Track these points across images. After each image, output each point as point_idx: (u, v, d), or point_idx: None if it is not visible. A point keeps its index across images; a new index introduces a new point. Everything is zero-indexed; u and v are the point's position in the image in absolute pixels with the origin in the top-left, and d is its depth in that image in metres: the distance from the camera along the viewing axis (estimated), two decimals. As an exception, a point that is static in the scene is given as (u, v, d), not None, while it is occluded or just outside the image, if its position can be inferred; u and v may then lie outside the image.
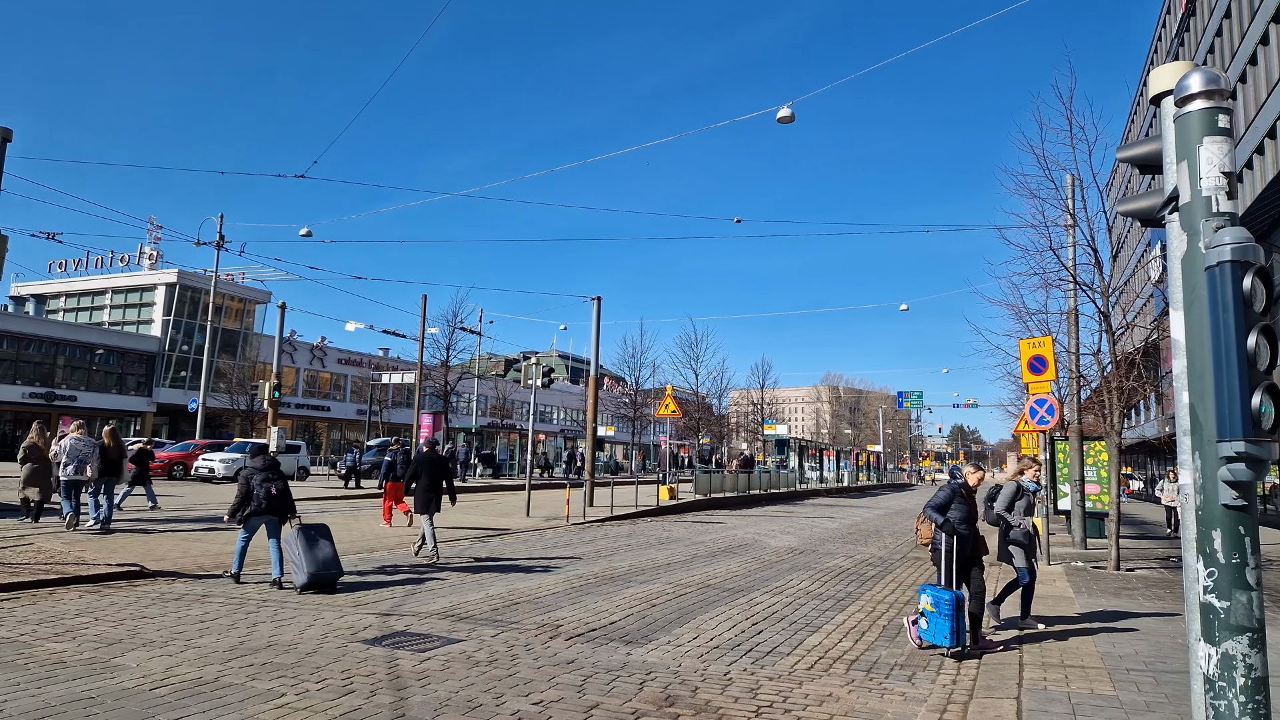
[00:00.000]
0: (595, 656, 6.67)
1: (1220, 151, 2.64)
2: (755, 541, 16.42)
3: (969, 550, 7.29)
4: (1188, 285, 2.64)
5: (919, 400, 66.42)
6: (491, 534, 15.74)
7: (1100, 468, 17.26)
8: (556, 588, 9.86)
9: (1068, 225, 15.32)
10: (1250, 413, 2.38)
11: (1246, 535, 2.56)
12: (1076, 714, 5.33)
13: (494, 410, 61.66)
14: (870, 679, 6.35)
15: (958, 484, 7.49)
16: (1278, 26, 23.45)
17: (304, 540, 9.04)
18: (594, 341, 23.24)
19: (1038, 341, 16.00)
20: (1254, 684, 2.48)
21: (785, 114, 17.91)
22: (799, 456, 43.54)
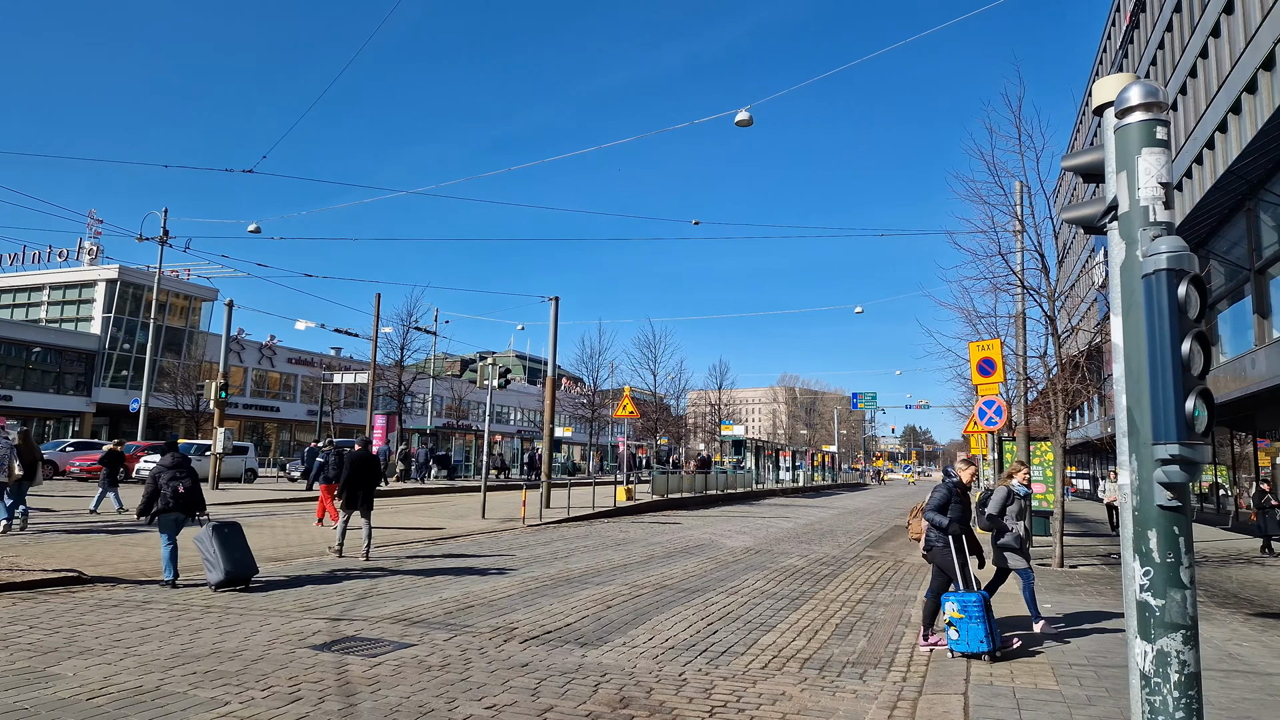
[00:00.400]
0: (550, 659, 6.63)
1: (1158, 163, 2.73)
2: (712, 542, 16.51)
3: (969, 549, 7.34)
4: (1126, 292, 2.73)
5: (873, 401, 67.56)
6: (446, 536, 15.57)
7: (1046, 467, 17.74)
8: (511, 590, 9.79)
9: (1016, 231, 15.73)
10: (1184, 416, 2.48)
11: (1181, 535, 2.65)
12: (1021, 708, 5.46)
13: (450, 411, 60.97)
14: (823, 677, 6.43)
15: (952, 482, 7.46)
16: (1216, 41, 24.37)
17: (217, 539, 9.01)
18: (551, 342, 23.14)
19: (986, 344, 16.40)
20: (1187, 680, 2.57)
21: (744, 117, 18.06)
22: (755, 457, 43.91)
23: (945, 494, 7.35)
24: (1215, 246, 25.26)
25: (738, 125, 18.16)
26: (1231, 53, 22.98)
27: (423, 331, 37.94)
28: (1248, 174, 20.62)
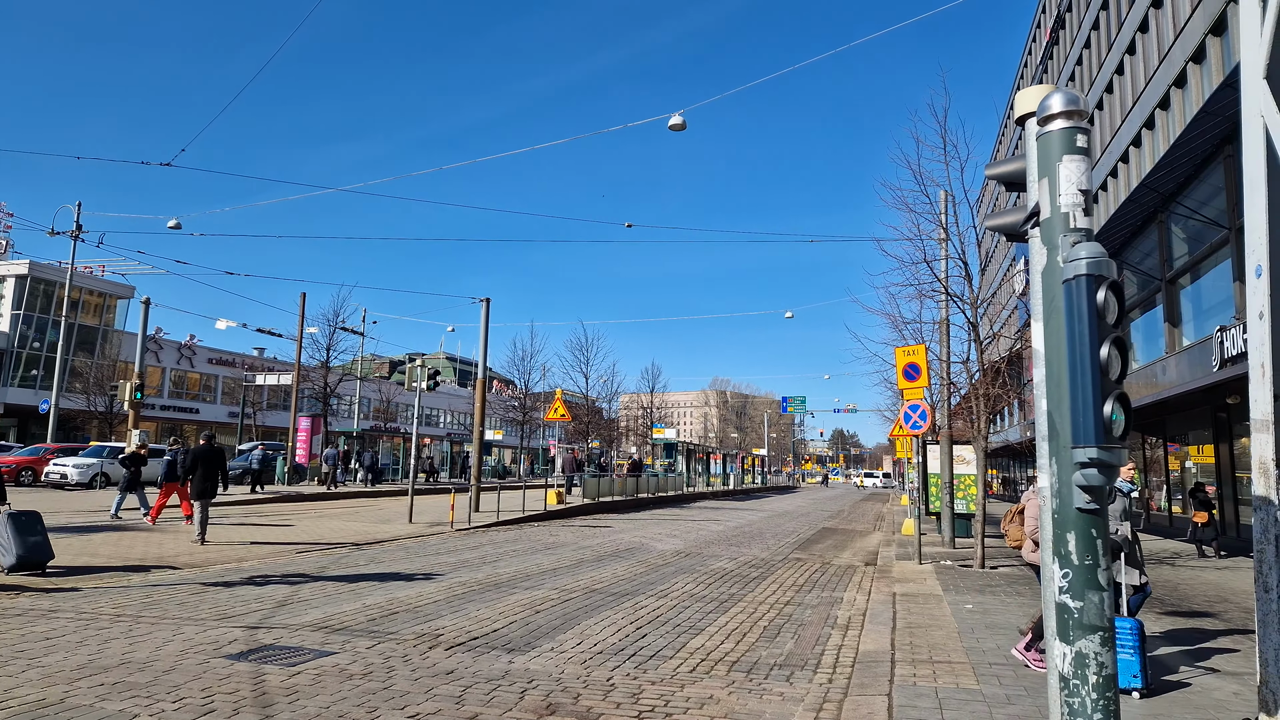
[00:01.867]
0: (476, 666, 6.47)
1: (1078, 170, 2.79)
2: (642, 545, 16.47)
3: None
4: (1047, 298, 2.77)
5: (802, 405, 68.73)
6: (371, 542, 15.13)
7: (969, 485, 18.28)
8: (438, 596, 9.54)
9: (941, 239, 16.17)
10: (1102, 420, 2.52)
11: (1099, 538, 2.70)
12: (943, 708, 5.56)
13: (378, 413, 59.52)
14: (750, 680, 6.43)
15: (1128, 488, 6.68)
16: (1132, 58, 25.60)
17: (13, 525, 9.67)
18: (482, 343, 22.80)
19: (912, 350, 16.80)
20: (1105, 681, 2.61)
21: (677, 121, 18.11)
22: (687, 460, 44.16)
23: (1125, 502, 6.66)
24: (1129, 257, 26.50)
25: (671, 129, 18.21)
26: (1146, 70, 24.18)
27: (350, 332, 36.95)
28: (1160, 187, 21.70)
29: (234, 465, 34.24)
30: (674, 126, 18.17)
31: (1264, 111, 2.48)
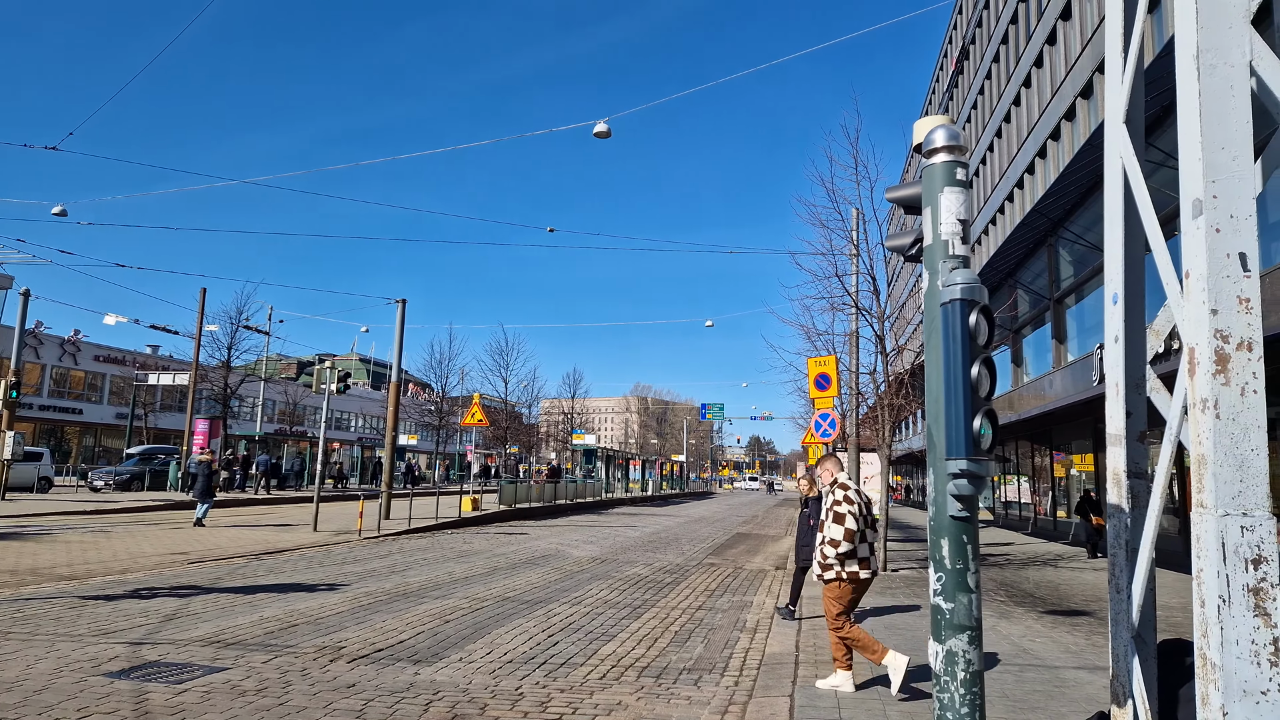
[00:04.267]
0: (379, 678, 6.33)
1: (957, 200, 2.98)
2: (558, 552, 16.41)
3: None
4: (929, 318, 2.95)
5: (720, 412, 69.69)
6: (272, 551, 14.56)
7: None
8: (341, 607, 9.28)
9: (852, 255, 16.76)
10: (972, 434, 2.70)
11: (969, 543, 2.89)
12: (841, 707, 5.76)
13: (283, 416, 57.27)
14: (659, 685, 6.51)
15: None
16: (1028, 91, 27.15)
17: None
18: (397, 345, 22.28)
19: (823, 360, 17.32)
20: (971, 677, 2.80)
21: (602, 129, 18.20)
22: (606, 466, 44.22)
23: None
24: (1022, 277, 28.04)
25: (596, 136, 18.29)
26: (1040, 102, 25.69)
27: (254, 330, 35.47)
28: (1050, 213, 23.07)
29: (122, 469, 32.36)
30: (599, 134, 18.25)
31: (1122, 153, 2.72)
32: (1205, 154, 2.23)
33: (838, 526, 5.96)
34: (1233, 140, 2.25)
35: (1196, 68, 2.28)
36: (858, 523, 5.98)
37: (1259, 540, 2.04)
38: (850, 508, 6.00)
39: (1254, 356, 2.11)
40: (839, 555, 5.95)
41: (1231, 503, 2.06)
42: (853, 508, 6.01)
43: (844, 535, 5.93)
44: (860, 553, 6.04)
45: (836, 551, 5.95)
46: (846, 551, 5.94)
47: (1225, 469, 2.07)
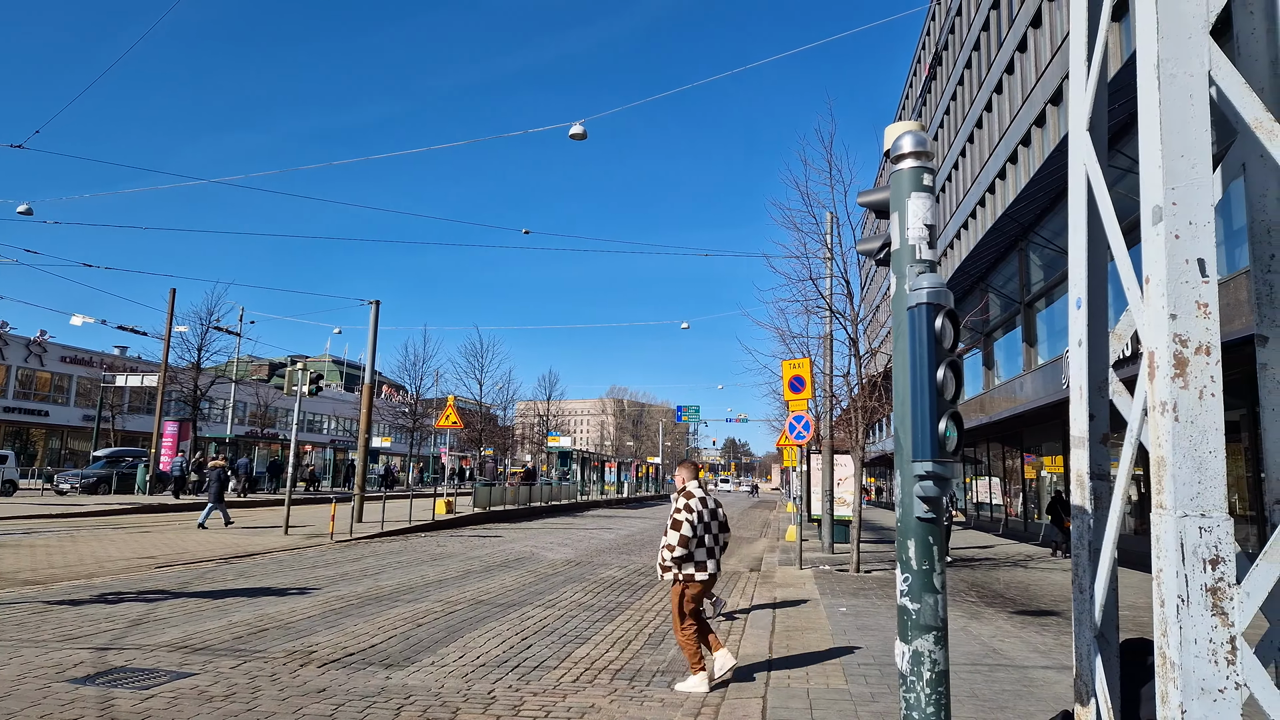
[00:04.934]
0: (350, 683, 6.26)
1: (923, 206, 3.02)
2: (533, 554, 16.35)
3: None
4: (896, 322, 2.98)
5: (696, 414, 69.77)
6: (242, 555, 14.35)
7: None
8: (312, 611, 9.17)
9: (826, 258, 16.88)
10: (938, 436, 2.73)
11: (935, 544, 2.93)
12: (813, 707, 5.79)
13: (254, 418, 56.49)
14: (632, 687, 6.50)
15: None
16: (999, 97, 27.54)
17: None
18: (370, 347, 22.08)
19: (797, 363, 17.42)
20: (937, 677, 2.82)
21: (578, 130, 18.19)
22: (582, 468, 44.14)
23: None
24: (994, 281, 28.41)
25: (572, 138, 18.28)
26: (1011, 109, 26.07)
27: (224, 331, 34.94)
28: (1020, 218, 23.40)
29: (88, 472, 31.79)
30: (574, 135, 18.24)
31: (1085, 160, 2.77)
32: (1165, 161, 2.28)
33: (674, 533, 6.36)
34: (1192, 148, 2.29)
35: (1157, 77, 2.33)
36: (694, 530, 6.35)
37: (1217, 541, 2.09)
38: (689, 515, 6.37)
39: (1212, 360, 2.16)
40: (675, 559, 6.34)
41: (1190, 504, 2.10)
42: (691, 515, 6.37)
43: (679, 541, 6.32)
44: (698, 556, 6.43)
45: (673, 556, 6.35)
46: (683, 556, 6.33)
47: (1184, 471, 2.11)
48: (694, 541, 6.36)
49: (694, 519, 6.37)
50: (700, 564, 6.43)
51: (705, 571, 6.45)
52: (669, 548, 6.36)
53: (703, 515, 6.48)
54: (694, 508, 6.43)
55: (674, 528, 6.38)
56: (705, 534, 6.47)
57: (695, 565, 6.40)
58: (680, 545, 6.30)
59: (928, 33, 41.90)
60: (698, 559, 6.42)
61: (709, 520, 6.53)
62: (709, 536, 6.51)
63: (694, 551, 6.38)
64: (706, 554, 6.46)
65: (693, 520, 6.36)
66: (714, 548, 6.54)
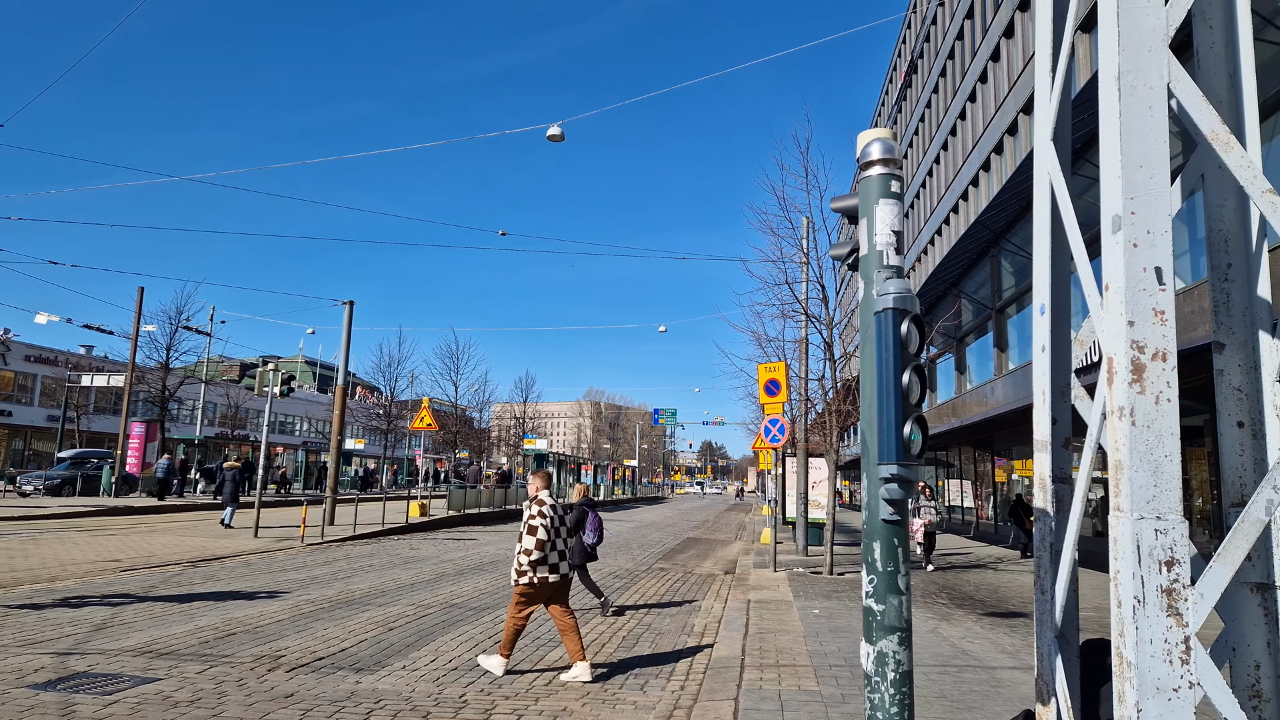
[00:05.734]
0: (320, 688, 6.19)
1: (891, 212, 3.06)
2: (507, 558, 16.26)
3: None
4: (864, 327, 3.02)
5: (673, 417, 69.93)
6: (210, 558, 14.14)
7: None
8: (281, 615, 9.05)
9: (802, 263, 17.00)
10: (902, 439, 2.77)
11: (900, 546, 2.96)
12: (784, 709, 5.83)
13: (225, 419, 55.65)
14: (605, 690, 6.50)
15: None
16: (973, 106, 27.89)
17: None
18: (344, 348, 21.85)
19: (773, 366, 17.53)
20: (901, 677, 2.86)
21: (555, 132, 18.17)
22: (558, 470, 44.00)
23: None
24: (966, 287, 28.76)
25: (550, 139, 18.25)
26: (984, 117, 26.42)
27: (194, 331, 34.40)
28: (992, 225, 23.72)
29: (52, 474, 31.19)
30: (552, 137, 18.21)
31: (1050, 169, 2.83)
32: (1125, 172, 2.33)
33: (530, 538, 6.69)
34: (1150, 159, 2.35)
35: (1118, 88, 2.38)
36: (548, 534, 6.74)
37: (1172, 543, 2.13)
38: (543, 521, 6.75)
39: (1168, 366, 2.21)
40: (531, 563, 6.66)
41: (1146, 506, 2.15)
42: (545, 521, 6.76)
43: (535, 545, 6.66)
44: (550, 559, 6.79)
45: (529, 559, 6.67)
46: (538, 559, 6.67)
47: (1140, 474, 2.15)
48: (548, 545, 6.72)
49: (547, 524, 6.74)
50: (553, 566, 6.80)
51: (557, 573, 6.82)
52: (526, 552, 6.67)
53: (554, 521, 6.86)
54: (546, 514, 6.78)
55: (529, 533, 6.70)
56: (556, 539, 6.86)
57: (548, 568, 6.76)
58: (537, 549, 6.64)
59: (904, 40, 42.36)
60: (550, 562, 6.78)
61: (559, 525, 6.92)
62: (559, 540, 6.90)
63: (547, 555, 6.73)
64: (559, 556, 6.86)
65: (546, 525, 6.73)
66: (564, 550, 6.95)
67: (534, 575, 6.70)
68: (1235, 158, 2.42)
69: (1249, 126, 2.79)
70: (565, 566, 6.93)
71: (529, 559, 6.65)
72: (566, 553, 6.97)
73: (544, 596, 6.85)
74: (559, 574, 6.83)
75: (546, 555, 6.73)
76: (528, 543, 6.67)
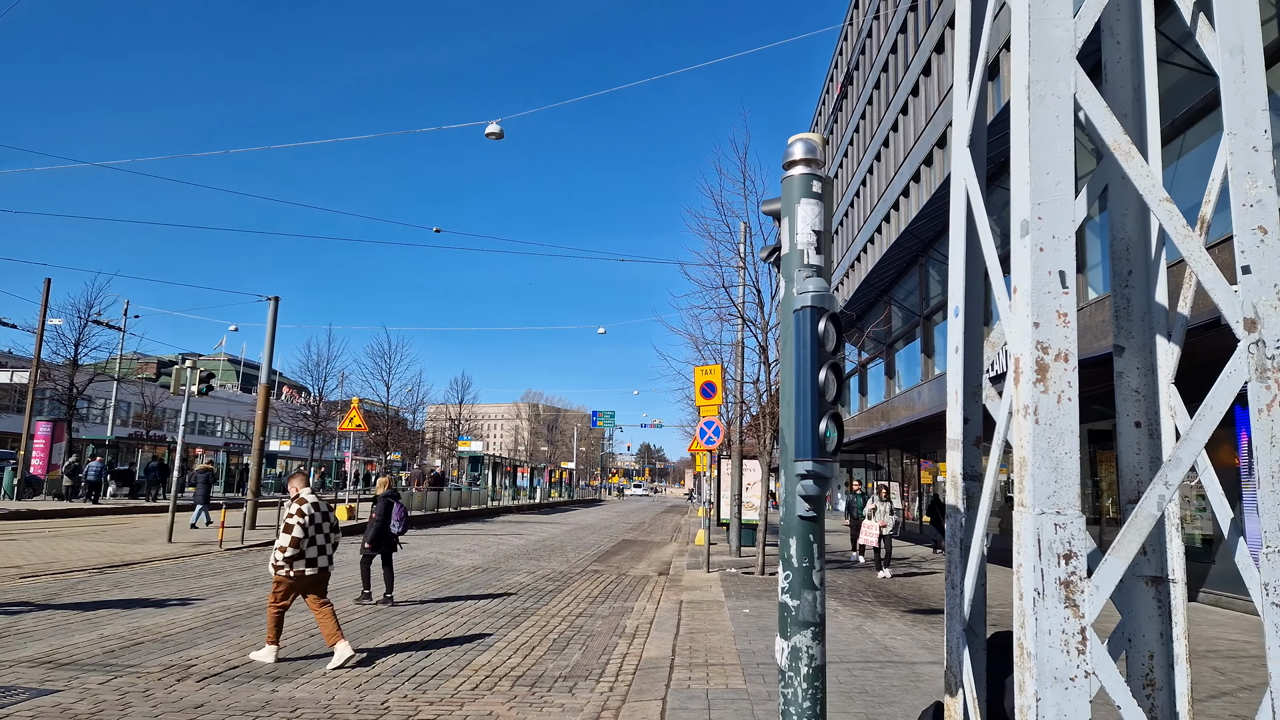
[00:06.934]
0: (232, 697, 5.95)
1: (813, 212, 3.11)
2: (438, 561, 15.99)
3: None
4: (784, 325, 3.05)
5: (611, 420, 69.83)
6: (119, 564, 13.48)
7: (755, 484, 19.43)
8: (194, 623, 8.69)
9: (739, 267, 17.20)
10: (818, 436, 2.81)
11: (815, 542, 3.01)
12: (711, 708, 5.85)
13: (140, 419, 53.23)
14: (533, 694, 6.43)
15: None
16: (905, 118, 28.68)
17: None
18: (268, 345, 21.15)
19: (709, 369, 17.66)
20: (814, 672, 2.90)
21: (494, 129, 17.99)
22: (493, 473, 43.50)
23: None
24: (896, 294, 29.54)
25: (488, 137, 18.06)
26: (915, 129, 27.20)
27: (106, 326, 32.79)
28: (921, 234, 24.43)
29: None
30: (491, 134, 18.01)
31: (965, 175, 2.91)
32: (1033, 178, 2.41)
33: (286, 535, 7.09)
34: (1057, 166, 2.43)
35: (1027, 97, 2.46)
36: (305, 531, 7.14)
37: (1070, 536, 2.21)
38: (300, 519, 7.16)
39: (1069, 367, 2.29)
40: (287, 559, 7.05)
41: (1047, 501, 2.22)
42: (303, 519, 7.16)
43: (290, 542, 7.06)
44: (309, 554, 7.21)
45: (284, 556, 7.06)
46: (294, 555, 7.07)
47: (1042, 470, 2.22)
48: (305, 541, 7.14)
49: (305, 521, 7.15)
50: (311, 560, 7.21)
51: (315, 567, 7.24)
52: (281, 549, 7.05)
53: (315, 518, 7.28)
54: (306, 512, 7.19)
55: (286, 530, 7.10)
56: (317, 534, 7.28)
57: (306, 562, 7.17)
58: (291, 546, 7.04)
59: (840, 52, 43.34)
60: (309, 556, 7.19)
61: (320, 522, 7.33)
62: (320, 536, 7.32)
63: (305, 550, 7.15)
64: (318, 551, 7.28)
65: (304, 523, 7.14)
66: (325, 545, 7.36)
67: (290, 570, 7.08)
68: (1135, 167, 2.52)
69: (1151, 138, 2.92)
70: (324, 560, 7.34)
71: (284, 555, 7.04)
72: (327, 546, 7.37)
73: (302, 588, 7.23)
74: (317, 568, 7.25)
75: (304, 551, 7.14)
76: (283, 540, 7.06)
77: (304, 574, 7.13)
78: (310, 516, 7.22)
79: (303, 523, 7.14)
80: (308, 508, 7.23)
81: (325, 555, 7.35)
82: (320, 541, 7.31)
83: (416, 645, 8.05)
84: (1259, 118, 2.51)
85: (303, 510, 7.19)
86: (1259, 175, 2.47)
